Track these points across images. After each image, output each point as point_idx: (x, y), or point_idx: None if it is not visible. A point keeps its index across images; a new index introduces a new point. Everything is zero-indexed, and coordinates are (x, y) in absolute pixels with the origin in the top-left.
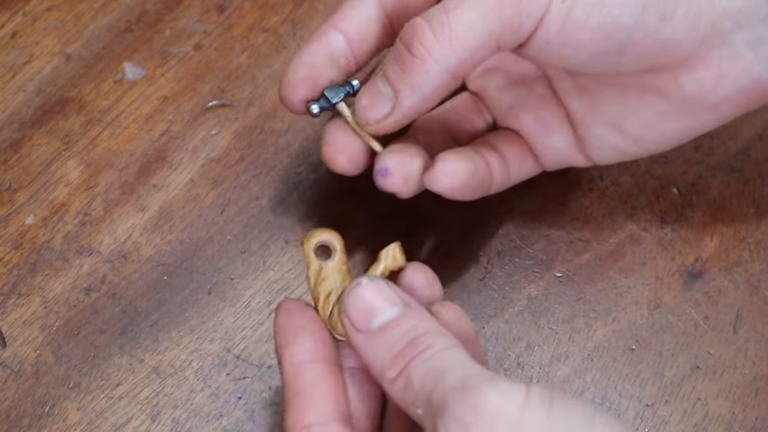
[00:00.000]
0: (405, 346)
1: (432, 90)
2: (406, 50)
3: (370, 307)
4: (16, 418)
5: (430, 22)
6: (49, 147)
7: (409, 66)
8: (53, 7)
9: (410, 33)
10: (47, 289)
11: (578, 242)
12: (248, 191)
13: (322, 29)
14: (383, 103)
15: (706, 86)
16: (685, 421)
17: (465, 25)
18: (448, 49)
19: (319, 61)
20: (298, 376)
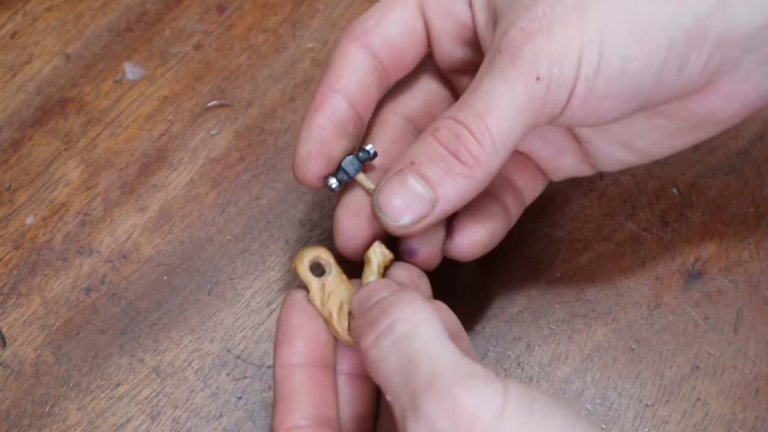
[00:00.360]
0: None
1: (474, 192)
2: (452, 156)
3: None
4: (16, 418)
5: (470, 129)
6: (49, 147)
7: (456, 171)
8: (53, 7)
9: (453, 140)
10: (47, 289)
11: (578, 242)
12: (248, 191)
13: (322, 94)
14: (422, 205)
15: (715, 108)
16: (685, 421)
17: (504, 130)
18: (493, 156)
19: (328, 134)
20: (287, 379)
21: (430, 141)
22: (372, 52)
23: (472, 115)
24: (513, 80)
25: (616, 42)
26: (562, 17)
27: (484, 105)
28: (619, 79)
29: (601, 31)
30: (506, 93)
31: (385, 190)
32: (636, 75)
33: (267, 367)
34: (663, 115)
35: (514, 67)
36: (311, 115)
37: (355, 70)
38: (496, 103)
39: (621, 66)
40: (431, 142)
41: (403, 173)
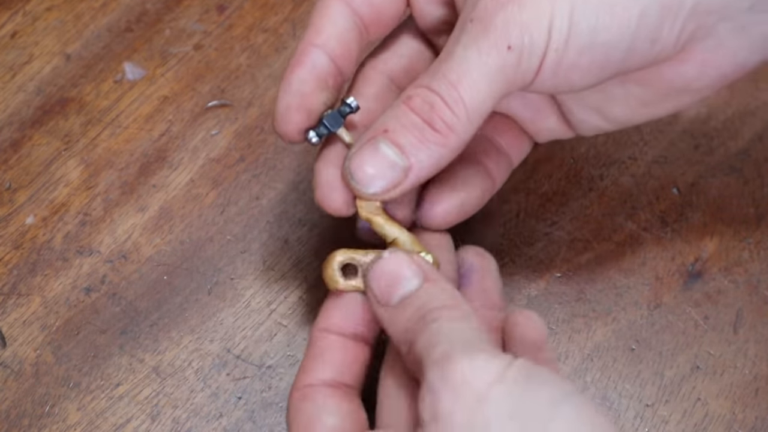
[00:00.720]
0: (415, 322)
1: (447, 160)
2: (426, 124)
3: (391, 280)
4: (16, 418)
5: (444, 98)
6: (49, 147)
7: (430, 139)
8: (53, 7)
9: (426, 108)
10: (47, 289)
11: (578, 242)
12: (248, 191)
13: (302, 49)
14: (395, 173)
15: (689, 76)
16: (685, 421)
17: (477, 99)
18: (467, 124)
19: (308, 87)
20: (317, 341)
21: (403, 109)
22: (352, 9)
23: (446, 84)
24: (485, 49)
25: (586, 11)
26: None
27: (457, 74)
28: (589, 50)
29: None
30: (479, 62)
31: (357, 158)
32: (606, 45)
33: (267, 367)
34: (637, 82)
35: (487, 36)
36: (291, 69)
37: (335, 25)
38: (469, 72)
39: (591, 36)
40: (405, 110)
41: (376, 140)
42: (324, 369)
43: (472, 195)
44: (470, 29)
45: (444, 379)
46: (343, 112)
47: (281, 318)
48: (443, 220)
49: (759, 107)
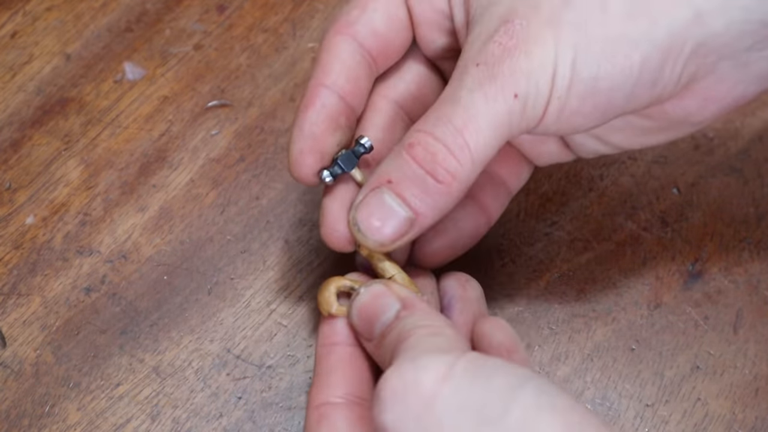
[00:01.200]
0: (394, 347)
1: (452, 206)
2: (429, 176)
3: (370, 314)
4: (16, 418)
5: (448, 145)
6: (49, 147)
7: (433, 191)
8: (53, 7)
9: (430, 158)
10: (47, 289)
11: (578, 242)
12: (248, 191)
13: (312, 90)
14: (400, 224)
15: (690, 110)
16: (685, 421)
17: (482, 145)
18: (471, 170)
19: (320, 129)
20: (325, 357)
21: (406, 159)
22: (358, 43)
23: (451, 131)
24: (492, 96)
25: (588, 60)
26: (538, 33)
27: (463, 120)
28: (592, 96)
29: (574, 48)
30: (485, 109)
31: (362, 209)
32: (608, 91)
33: (267, 367)
34: (638, 115)
35: (494, 82)
36: (302, 112)
37: (342, 62)
38: (476, 118)
39: (593, 83)
40: (407, 160)
41: (380, 191)
42: (338, 384)
43: (465, 232)
44: (476, 74)
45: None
46: (357, 152)
47: (281, 318)
48: (435, 261)
49: (759, 107)
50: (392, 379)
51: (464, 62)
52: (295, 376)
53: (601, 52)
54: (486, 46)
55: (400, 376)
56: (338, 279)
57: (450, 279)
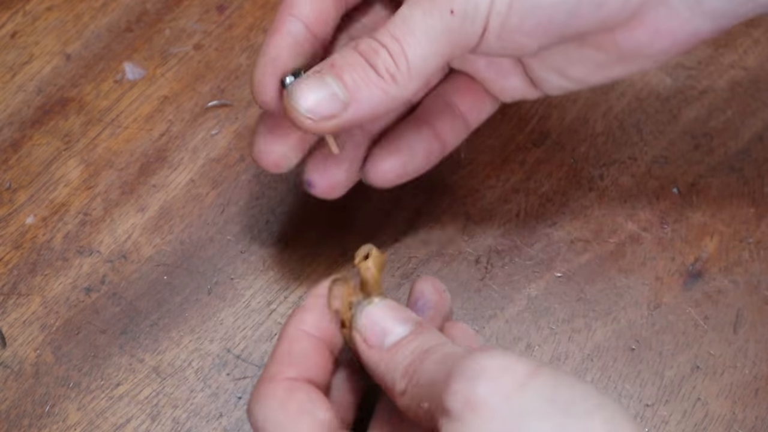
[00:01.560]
0: (415, 357)
1: (384, 109)
2: (369, 66)
3: (382, 325)
4: (16, 418)
5: (388, 49)
6: (49, 147)
7: (372, 81)
8: (53, 7)
9: (371, 53)
10: (47, 289)
11: (578, 242)
12: (248, 191)
13: (280, 18)
14: (333, 104)
15: (642, 42)
16: (685, 421)
17: (419, 56)
18: (408, 79)
19: (283, 53)
20: (298, 340)
21: (351, 50)
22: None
23: (389, 37)
24: (429, 11)
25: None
26: None
27: (400, 30)
28: (532, 13)
29: None
30: (422, 22)
31: (301, 84)
32: (550, 8)
33: None
34: (591, 46)
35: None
36: (268, 38)
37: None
38: (412, 30)
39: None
40: (352, 51)
41: (321, 73)
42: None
43: (416, 157)
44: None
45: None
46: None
47: (281, 318)
48: (386, 179)
49: (759, 107)
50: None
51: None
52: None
53: None
54: None
55: (497, 359)
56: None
57: (427, 284)
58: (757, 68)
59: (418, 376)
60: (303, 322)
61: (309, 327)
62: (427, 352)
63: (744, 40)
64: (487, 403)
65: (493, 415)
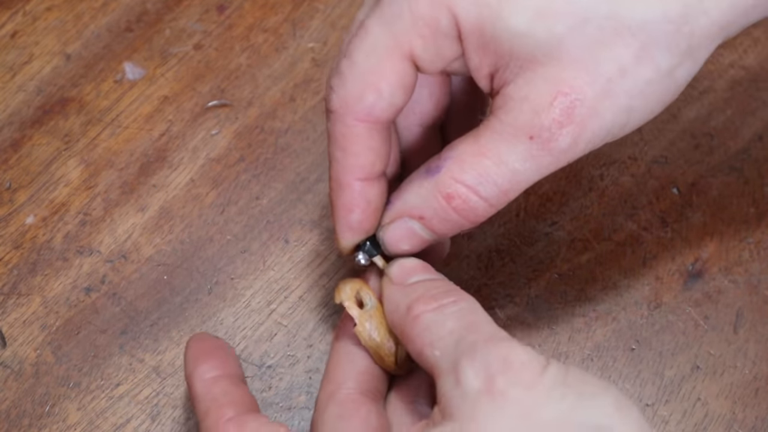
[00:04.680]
0: (442, 293)
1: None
2: (454, 212)
3: (411, 270)
4: (16, 418)
5: (490, 203)
6: (49, 147)
7: (455, 222)
8: (53, 7)
9: (470, 211)
10: (47, 289)
11: (578, 242)
12: (248, 191)
13: (349, 188)
14: (424, 245)
15: None
16: (685, 421)
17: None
18: (493, 209)
19: (370, 225)
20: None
21: (442, 204)
22: (380, 125)
23: (496, 193)
24: (542, 171)
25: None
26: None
27: (510, 184)
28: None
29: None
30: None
31: (390, 233)
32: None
33: (267, 367)
34: None
35: (543, 162)
36: (346, 213)
37: (369, 150)
38: (520, 184)
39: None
40: (445, 207)
41: (407, 221)
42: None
43: None
44: (530, 147)
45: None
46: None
47: (281, 318)
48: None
49: (759, 107)
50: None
51: (512, 127)
52: (295, 376)
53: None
54: (539, 117)
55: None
56: (361, 284)
57: None
58: (757, 68)
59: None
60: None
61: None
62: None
63: (744, 40)
64: (506, 395)
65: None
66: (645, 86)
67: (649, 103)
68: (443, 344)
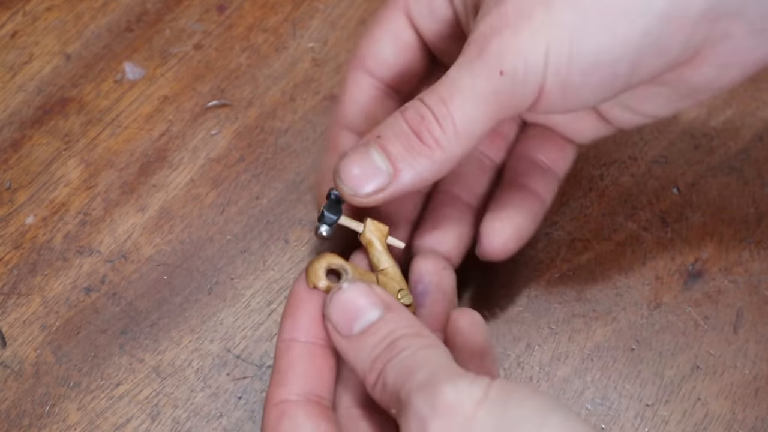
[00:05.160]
0: (383, 350)
1: (432, 175)
2: (414, 135)
3: (351, 311)
4: (16, 418)
5: (434, 112)
6: (49, 147)
7: (416, 150)
8: (53, 7)
9: (417, 119)
10: (47, 289)
11: (578, 242)
12: (248, 191)
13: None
14: (378, 178)
15: (710, 77)
16: (685, 421)
17: (467, 119)
18: (455, 142)
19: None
20: (285, 353)
21: (397, 118)
22: (372, 75)
23: (436, 100)
24: (477, 72)
25: (585, 34)
26: (528, 12)
27: (448, 92)
28: (594, 69)
29: (570, 24)
30: (470, 83)
31: (346, 159)
32: (612, 64)
33: (267, 367)
34: (661, 84)
35: (480, 59)
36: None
37: (358, 101)
38: (460, 91)
39: (594, 57)
40: (398, 119)
41: (367, 145)
42: (298, 382)
43: (525, 221)
44: (466, 52)
45: (432, 405)
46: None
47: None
48: (504, 252)
49: (759, 107)
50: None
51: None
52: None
53: (599, 26)
54: (477, 27)
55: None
56: (332, 256)
57: (427, 263)
58: None
59: (385, 377)
60: (287, 330)
61: (298, 333)
62: (393, 348)
63: None
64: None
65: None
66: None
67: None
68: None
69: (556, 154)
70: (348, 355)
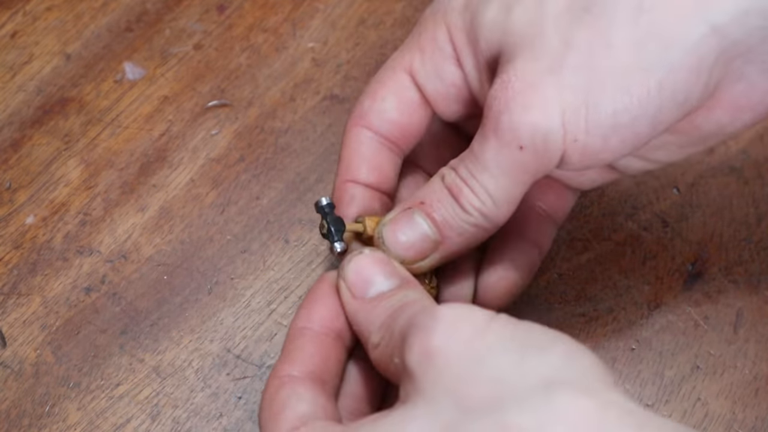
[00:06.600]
0: (394, 311)
1: (476, 242)
2: (456, 202)
3: (368, 276)
4: (16, 418)
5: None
6: (49, 147)
7: (460, 218)
8: (53, 7)
9: (456, 189)
10: (47, 289)
11: (578, 242)
12: (248, 191)
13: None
14: (425, 244)
15: (723, 122)
16: (685, 421)
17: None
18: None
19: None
20: (296, 338)
21: (437, 183)
22: (374, 132)
23: (467, 175)
24: (498, 148)
25: (600, 96)
26: (535, 80)
27: (475, 167)
28: (614, 132)
29: (582, 88)
30: (493, 158)
31: (391, 225)
32: (631, 124)
33: (267, 367)
34: (672, 132)
35: (497, 136)
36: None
37: (361, 155)
38: (486, 168)
39: (612, 120)
40: (440, 186)
41: (410, 211)
42: (304, 362)
43: (523, 271)
44: (485, 125)
45: (436, 318)
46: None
47: (281, 318)
48: (503, 301)
49: None
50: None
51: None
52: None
53: (613, 86)
54: (488, 97)
55: (452, 309)
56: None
57: None
58: None
59: (391, 330)
60: (303, 318)
61: (312, 322)
62: (404, 307)
63: None
64: (443, 351)
65: (450, 362)
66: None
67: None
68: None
69: (556, 202)
70: (356, 316)
